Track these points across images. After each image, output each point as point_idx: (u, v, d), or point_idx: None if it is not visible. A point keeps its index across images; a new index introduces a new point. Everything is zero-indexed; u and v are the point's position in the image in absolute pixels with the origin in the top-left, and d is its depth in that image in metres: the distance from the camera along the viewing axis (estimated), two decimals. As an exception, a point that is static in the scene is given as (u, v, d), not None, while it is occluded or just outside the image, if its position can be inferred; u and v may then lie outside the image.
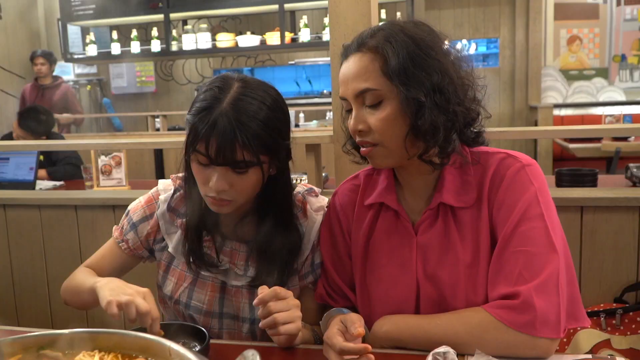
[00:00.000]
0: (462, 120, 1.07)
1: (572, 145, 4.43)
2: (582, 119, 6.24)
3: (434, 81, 1.03)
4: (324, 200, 1.31)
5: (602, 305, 1.69)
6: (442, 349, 0.96)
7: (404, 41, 1.04)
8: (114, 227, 1.34)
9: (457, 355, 1.00)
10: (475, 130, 1.13)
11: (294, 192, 1.27)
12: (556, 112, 6.31)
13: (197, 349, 1.04)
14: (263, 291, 1.04)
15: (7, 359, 0.67)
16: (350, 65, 1.08)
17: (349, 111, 1.11)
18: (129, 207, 1.33)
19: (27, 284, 2.18)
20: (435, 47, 1.06)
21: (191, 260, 1.23)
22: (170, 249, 1.27)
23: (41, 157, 3.63)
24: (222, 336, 1.27)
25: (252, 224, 1.25)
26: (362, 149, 1.10)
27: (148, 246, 1.30)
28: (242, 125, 1.07)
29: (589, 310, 1.67)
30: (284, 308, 1.04)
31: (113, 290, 1.05)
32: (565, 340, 1.62)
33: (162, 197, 1.29)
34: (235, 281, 1.24)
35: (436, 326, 1.04)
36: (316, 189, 1.33)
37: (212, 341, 1.06)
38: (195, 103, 1.13)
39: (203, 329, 1.07)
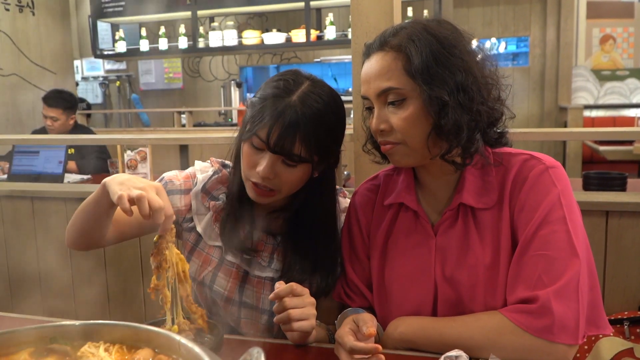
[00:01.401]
0: (486, 120, 1.06)
1: (602, 148, 4.33)
2: (614, 121, 6.10)
3: (458, 80, 1.01)
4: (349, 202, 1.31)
5: (626, 313, 1.65)
6: (454, 352, 0.95)
7: (427, 40, 1.03)
8: None
9: (471, 358, 0.99)
10: (499, 131, 1.11)
11: None
12: (587, 113, 6.19)
13: (208, 341, 1.05)
14: (280, 286, 1.05)
15: (20, 350, 0.69)
16: (373, 64, 1.07)
17: (370, 109, 1.10)
18: (165, 174, 1.32)
19: (52, 274, 2.23)
20: (459, 46, 1.04)
21: (226, 241, 1.24)
22: (199, 229, 1.28)
23: (71, 150, 3.72)
24: (239, 324, 1.28)
25: (283, 219, 1.26)
26: (383, 147, 1.09)
27: (177, 220, 1.29)
28: (307, 121, 1.10)
29: (612, 318, 1.63)
30: (299, 305, 1.05)
31: (123, 184, 1.00)
32: (586, 347, 1.58)
33: (199, 176, 1.30)
34: (259, 272, 1.26)
35: (451, 329, 1.03)
36: (344, 190, 1.35)
37: (225, 336, 1.07)
38: (265, 89, 1.15)
39: (217, 323, 1.08)
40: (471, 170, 1.09)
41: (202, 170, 1.32)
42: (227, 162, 1.31)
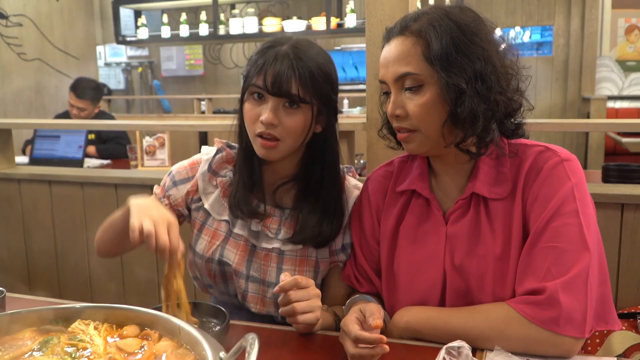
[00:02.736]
0: (503, 110, 1.05)
1: (625, 140, 4.24)
2: (639, 112, 5.97)
3: (477, 68, 1.01)
4: (359, 182, 1.33)
5: (639, 306, 1.63)
6: (456, 343, 0.94)
7: (448, 26, 1.02)
8: (154, 186, 1.37)
9: (476, 351, 0.99)
10: (516, 122, 1.10)
11: None
12: (610, 104, 6.06)
13: (216, 329, 1.07)
14: (285, 279, 1.06)
15: (20, 331, 0.71)
16: (392, 48, 1.07)
17: (387, 94, 1.10)
18: (172, 168, 1.37)
19: (69, 257, 2.28)
20: (480, 34, 1.03)
21: (236, 206, 1.26)
22: (206, 206, 1.31)
23: (92, 136, 3.78)
24: (246, 298, 1.29)
25: (292, 191, 1.29)
26: (399, 134, 1.09)
27: (187, 205, 1.34)
28: (300, 62, 1.16)
29: (625, 312, 1.62)
30: (304, 297, 1.06)
31: (140, 212, 1.02)
32: (598, 341, 1.57)
33: (204, 157, 1.34)
34: (266, 243, 1.27)
35: (457, 319, 1.03)
36: (354, 169, 1.36)
37: (231, 322, 1.08)
38: (258, 49, 1.22)
39: (224, 309, 1.09)
40: (486, 160, 1.08)
41: (207, 153, 1.36)
42: (233, 143, 1.34)
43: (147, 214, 1.01)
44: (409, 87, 1.04)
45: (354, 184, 1.32)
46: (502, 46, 1.07)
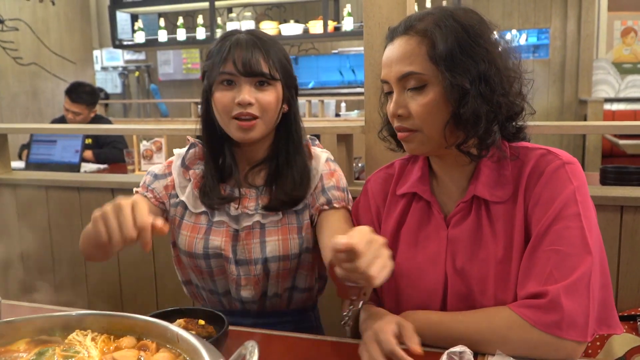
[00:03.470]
0: (505, 113, 1.04)
1: (622, 142, 4.25)
2: (635, 115, 5.99)
3: (480, 70, 1.01)
4: (325, 152, 1.38)
5: (639, 309, 1.63)
6: (458, 348, 0.94)
7: (453, 27, 1.02)
8: (134, 189, 1.39)
9: (478, 355, 0.98)
10: (517, 125, 1.10)
11: None
12: (607, 106, 6.07)
13: (214, 336, 1.06)
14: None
15: (15, 342, 0.70)
16: (396, 47, 1.06)
17: (389, 94, 1.09)
18: (150, 168, 1.41)
19: (66, 263, 2.26)
20: (484, 36, 1.03)
21: (206, 195, 1.29)
22: (182, 198, 1.33)
23: (89, 140, 3.76)
24: (240, 284, 1.30)
25: (263, 171, 1.32)
26: (400, 134, 1.08)
27: (168, 198, 1.36)
28: (263, 43, 1.24)
29: (625, 314, 1.61)
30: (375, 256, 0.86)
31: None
32: (598, 344, 1.56)
33: (176, 152, 1.39)
34: (246, 222, 1.29)
35: (459, 323, 1.02)
36: (318, 142, 1.42)
37: (230, 327, 1.07)
38: (213, 46, 1.27)
39: (223, 315, 1.08)
40: (487, 162, 1.08)
41: (180, 151, 1.41)
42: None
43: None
44: (412, 87, 1.04)
45: (320, 150, 1.38)
46: (505, 48, 1.06)
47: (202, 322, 1.08)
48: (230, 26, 5.45)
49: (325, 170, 1.32)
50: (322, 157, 1.34)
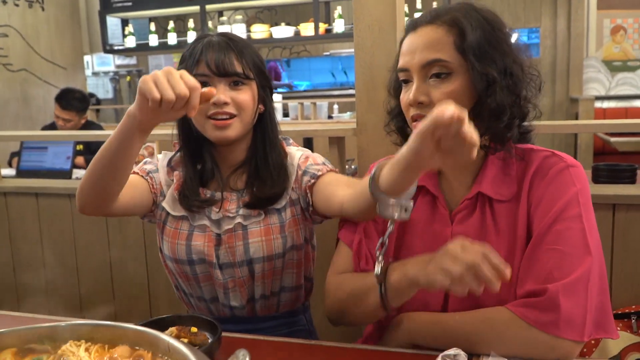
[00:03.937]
0: (524, 110, 1.06)
1: (613, 139, 4.28)
2: (626, 112, 6.02)
3: (506, 63, 1.03)
4: (300, 150, 1.37)
5: (633, 307, 1.63)
6: (452, 351, 0.93)
7: (479, 20, 1.04)
8: (135, 167, 1.34)
9: (473, 356, 0.97)
10: (526, 126, 1.11)
11: None
12: (598, 104, 6.11)
13: (208, 344, 1.05)
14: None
15: (3, 350, 0.69)
16: (421, 35, 1.07)
17: (405, 83, 1.09)
18: (145, 159, 1.40)
19: (58, 271, 2.24)
20: (505, 32, 1.06)
21: (185, 198, 1.28)
22: (164, 203, 1.32)
23: (80, 147, 3.74)
24: (228, 287, 1.30)
25: (244, 174, 1.31)
26: (416, 123, 1.07)
27: (159, 195, 1.35)
28: (234, 43, 1.25)
29: (619, 312, 1.61)
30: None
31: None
32: (593, 342, 1.56)
33: (164, 153, 1.39)
34: (228, 225, 1.28)
35: (455, 322, 1.02)
36: (293, 140, 1.42)
37: (223, 334, 1.06)
38: (186, 49, 1.27)
39: (215, 322, 1.07)
40: (493, 160, 1.09)
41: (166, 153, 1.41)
42: None
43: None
44: (437, 74, 1.04)
45: (295, 149, 1.38)
46: (520, 48, 1.08)
47: (194, 329, 1.07)
48: (222, 30, 5.44)
49: (301, 160, 1.33)
50: (296, 155, 1.34)
